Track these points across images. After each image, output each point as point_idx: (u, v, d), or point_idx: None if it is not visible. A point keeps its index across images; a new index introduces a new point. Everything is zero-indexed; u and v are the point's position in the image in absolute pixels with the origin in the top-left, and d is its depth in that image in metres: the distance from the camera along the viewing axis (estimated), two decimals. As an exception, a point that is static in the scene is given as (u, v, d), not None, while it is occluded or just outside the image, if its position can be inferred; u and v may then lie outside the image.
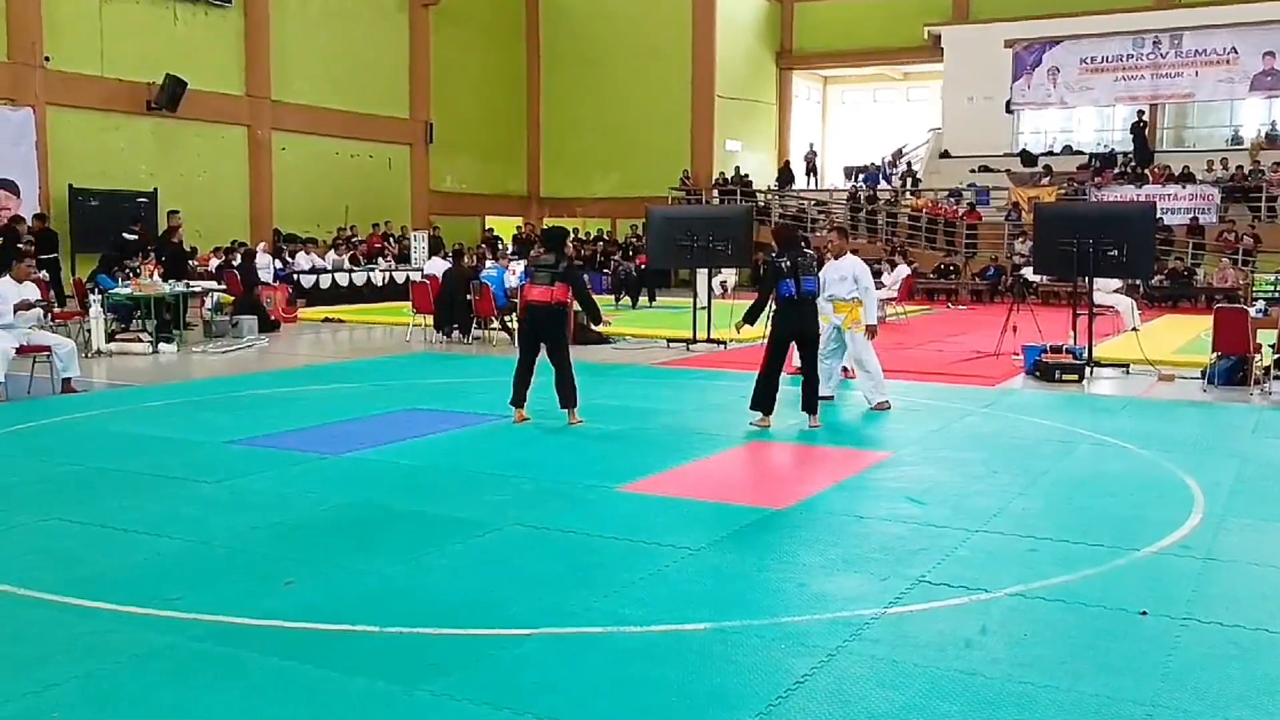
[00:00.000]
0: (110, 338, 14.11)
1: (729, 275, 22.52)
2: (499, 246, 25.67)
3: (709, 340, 15.03)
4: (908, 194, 30.24)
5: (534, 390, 9.09)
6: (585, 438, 8.60)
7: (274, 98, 25.14)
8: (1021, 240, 24.10)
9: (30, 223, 18.04)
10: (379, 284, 22.88)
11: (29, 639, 4.34)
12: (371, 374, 12.35)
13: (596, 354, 13.91)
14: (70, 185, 20.81)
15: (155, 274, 15.07)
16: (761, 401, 8.90)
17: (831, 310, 9.75)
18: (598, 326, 11.00)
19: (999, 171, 29.08)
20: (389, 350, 15.07)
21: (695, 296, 15.89)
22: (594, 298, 9.59)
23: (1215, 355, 11.41)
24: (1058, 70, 29.18)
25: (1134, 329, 14.85)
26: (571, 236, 17.79)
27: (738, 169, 31.01)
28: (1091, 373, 12.17)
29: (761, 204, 29.34)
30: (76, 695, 3.82)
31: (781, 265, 8.71)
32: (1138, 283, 19.02)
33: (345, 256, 23.72)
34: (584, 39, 32.13)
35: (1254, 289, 16.25)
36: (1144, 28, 28.18)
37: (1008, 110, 30.26)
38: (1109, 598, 4.83)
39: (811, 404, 8.96)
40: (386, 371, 12.65)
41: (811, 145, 34.55)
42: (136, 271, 15.34)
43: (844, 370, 11.05)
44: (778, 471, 7.97)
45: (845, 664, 4.10)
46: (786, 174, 32.51)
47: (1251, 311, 11.60)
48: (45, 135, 20.64)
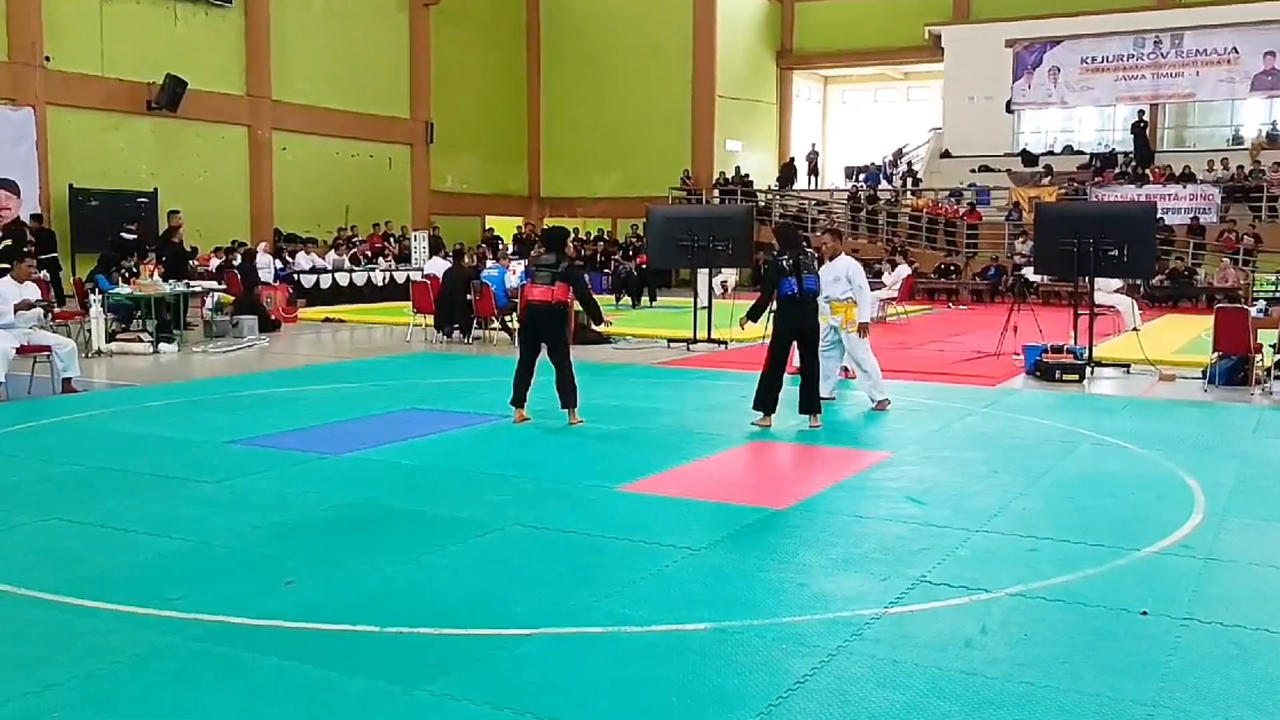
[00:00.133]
0: (110, 338, 14.11)
1: (729, 275, 22.52)
2: (499, 246, 25.67)
3: (709, 340, 15.02)
4: (908, 194, 30.25)
5: (534, 390, 9.09)
6: (586, 438, 8.60)
7: (274, 97, 25.16)
8: (1022, 240, 24.11)
9: (28, 223, 18.06)
10: (379, 284, 22.89)
11: (29, 639, 4.34)
12: (372, 374, 12.35)
13: (597, 354, 13.91)
14: (70, 185, 20.83)
15: (155, 274, 15.06)
16: (764, 402, 8.91)
17: (828, 310, 9.77)
18: (599, 326, 10.99)
19: (999, 171, 29.08)
20: (389, 350, 15.07)
21: (695, 296, 15.88)
22: (595, 298, 9.59)
23: (1216, 355, 11.40)
24: (1058, 70, 29.16)
25: (1135, 329, 14.85)
26: (572, 236, 17.86)
27: (738, 169, 31.01)
28: (1092, 373, 12.17)
29: (762, 204, 29.35)
30: (77, 695, 3.82)
31: (783, 264, 8.76)
32: (1138, 283, 19.04)
33: (345, 256, 23.71)
34: (584, 39, 32.13)
35: (1254, 289, 16.29)
36: (1145, 27, 28.16)
37: (1008, 110, 30.25)
38: (1109, 598, 4.82)
39: (812, 404, 8.96)
40: (387, 371, 12.65)
41: (814, 145, 34.56)
42: (134, 271, 15.33)
43: (843, 370, 11.05)
44: (778, 471, 7.97)
45: (846, 664, 4.10)
46: (789, 172, 32.52)
47: (1252, 311, 11.60)
48: (45, 135, 20.65)
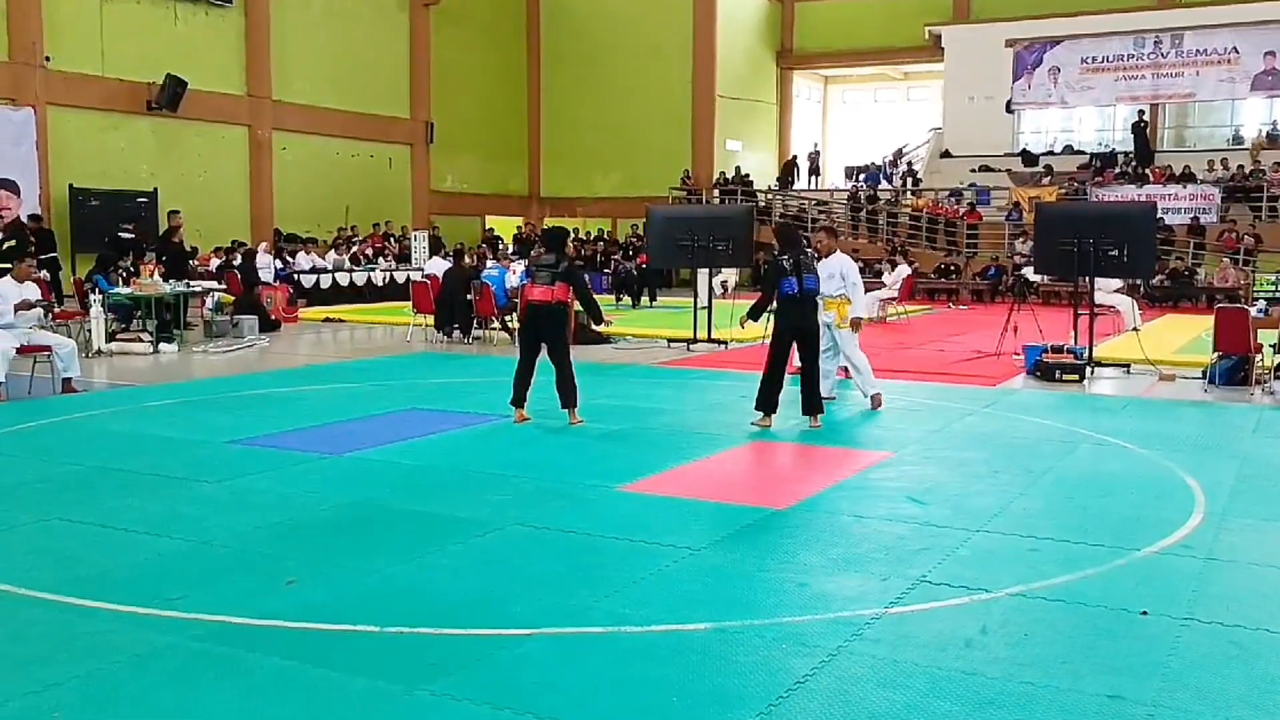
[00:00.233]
0: (111, 338, 14.11)
1: (729, 275, 22.51)
2: (499, 246, 25.67)
3: (709, 340, 15.02)
4: (908, 194, 30.26)
5: (534, 390, 9.09)
6: (586, 437, 8.60)
7: (274, 97, 25.16)
8: (1022, 240, 24.12)
9: (27, 223, 18.06)
10: (379, 284, 22.89)
11: (30, 639, 4.34)
12: (372, 374, 12.35)
13: (597, 354, 13.91)
14: (70, 185, 20.84)
15: (156, 274, 15.06)
16: (765, 402, 8.92)
17: (822, 307, 9.77)
18: (599, 326, 10.99)
19: (1000, 171, 29.08)
20: (389, 350, 15.07)
21: (696, 296, 15.88)
22: (595, 297, 9.60)
23: (1216, 355, 11.40)
24: (1058, 70, 29.16)
25: (1135, 329, 14.86)
26: (572, 236, 17.86)
27: (738, 169, 31.01)
28: (1092, 372, 12.17)
29: (762, 204, 29.35)
30: (77, 695, 3.82)
31: (784, 263, 8.76)
32: (1138, 282, 19.04)
33: (346, 256, 23.71)
34: (584, 38, 32.14)
35: (1255, 289, 16.28)
36: (1145, 27, 28.16)
37: (1008, 110, 30.25)
38: (1110, 597, 4.82)
39: (813, 404, 8.96)
40: (387, 371, 12.65)
41: (816, 145, 34.55)
42: (133, 271, 15.32)
43: (842, 370, 11.04)
44: (778, 471, 7.97)
45: (846, 664, 4.10)
46: (790, 170, 32.51)
47: (1252, 311, 11.60)
48: (45, 135, 20.66)
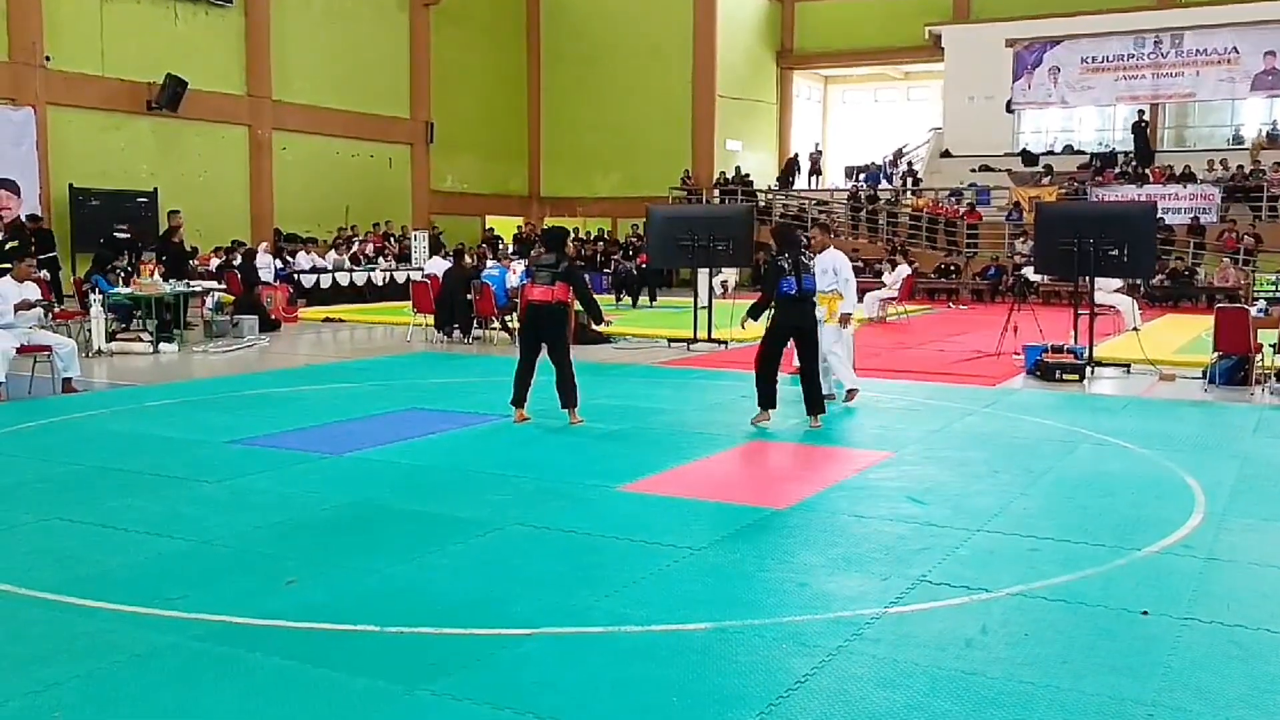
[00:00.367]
0: (111, 337, 14.10)
1: (730, 275, 22.51)
2: (499, 246, 25.66)
3: (710, 340, 15.02)
4: (908, 194, 30.26)
5: (534, 390, 9.09)
6: (586, 437, 8.60)
7: (274, 97, 25.17)
8: (1022, 240, 24.12)
9: (26, 223, 18.06)
10: (379, 284, 22.89)
11: (30, 638, 4.34)
12: (372, 374, 12.35)
13: (597, 354, 13.91)
14: (70, 185, 20.84)
15: (156, 274, 15.06)
16: (764, 399, 8.92)
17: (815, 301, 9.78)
18: (599, 326, 11.01)
19: (1000, 171, 29.08)
20: (389, 350, 15.07)
21: (696, 296, 15.88)
22: (595, 297, 9.60)
23: (1216, 355, 11.40)
24: (1058, 70, 29.16)
25: (1135, 329, 14.86)
26: (572, 236, 17.86)
27: (738, 168, 31.01)
28: (1092, 372, 12.17)
29: (762, 204, 29.35)
30: (77, 695, 3.82)
31: (782, 264, 8.77)
32: (1139, 282, 19.03)
33: (346, 256, 23.71)
34: (584, 38, 32.14)
35: (1255, 289, 16.29)
36: (1145, 27, 28.17)
37: (1008, 110, 30.25)
38: (1110, 597, 4.82)
39: (815, 404, 8.96)
40: (387, 371, 12.66)
41: (817, 144, 34.56)
42: (129, 270, 15.32)
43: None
44: (778, 471, 7.97)
45: (846, 664, 4.10)
46: (792, 168, 32.50)
47: (1252, 311, 11.60)
48: (45, 135, 20.66)
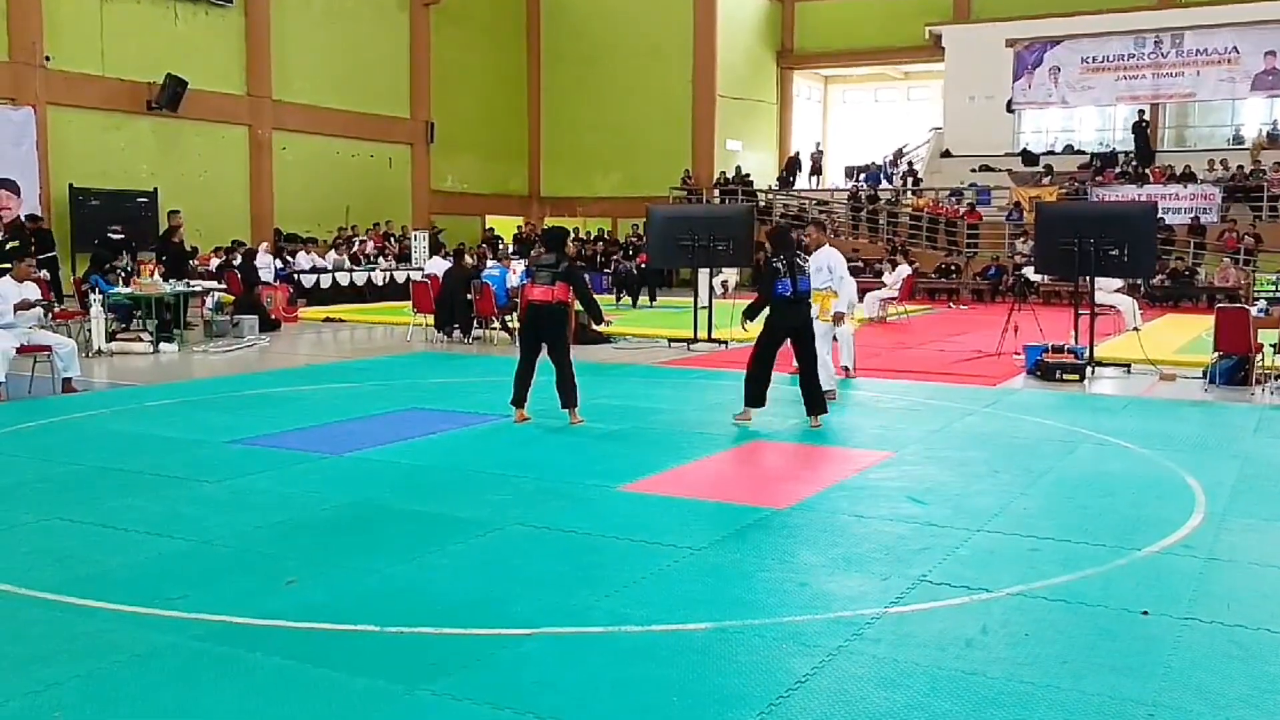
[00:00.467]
0: (111, 337, 14.10)
1: (730, 275, 22.51)
2: (500, 246, 25.65)
3: (710, 340, 15.01)
4: (909, 193, 30.26)
5: (535, 390, 9.09)
6: (586, 437, 8.60)
7: (275, 97, 25.16)
8: (1023, 240, 24.12)
9: (25, 223, 18.06)
10: (379, 284, 22.89)
11: (30, 638, 4.34)
12: (372, 374, 12.35)
13: (597, 353, 13.91)
14: (70, 185, 20.82)
15: (156, 274, 15.06)
16: (752, 397, 8.92)
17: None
18: (599, 326, 11.01)
19: (1000, 171, 29.08)
20: (390, 350, 15.07)
21: (696, 296, 15.88)
22: (595, 297, 9.60)
23: (1216, 355, 11.40)
24: (1059, 70, 29.15)
25: (1135, 329, 14.86)
26: (572, 236, 17.86)
27: (738, 168, 31.01)
28: (1093, 372, 12.16)
29: (762, 204, 29.35)
30: (78, 694, 3.82)
31: (778, 265, 8.78)
32: (1139, 282, 19.04)
33: (346, 256, 23.71)
34: (584, 38, 32.13)
35: (1255, 288, 16.29)
36: (1145, 27, 28.15)
37: (1009, 110, 30.24)
38: (1110, 597, 4.82)
39: (816, 404, 8.95)
40: (387, 371, 12.65)
41: (818, 144, 34.55)
42: (128, 270, 15.31)
43: (844, 370, 11.05)
44: (778, 471, 7.96)
45: (846, 663, 4.10)
46: (793, 167, 32.50)
47: (1253, 311, 11.59)
48: (45, 135, 20.65)
